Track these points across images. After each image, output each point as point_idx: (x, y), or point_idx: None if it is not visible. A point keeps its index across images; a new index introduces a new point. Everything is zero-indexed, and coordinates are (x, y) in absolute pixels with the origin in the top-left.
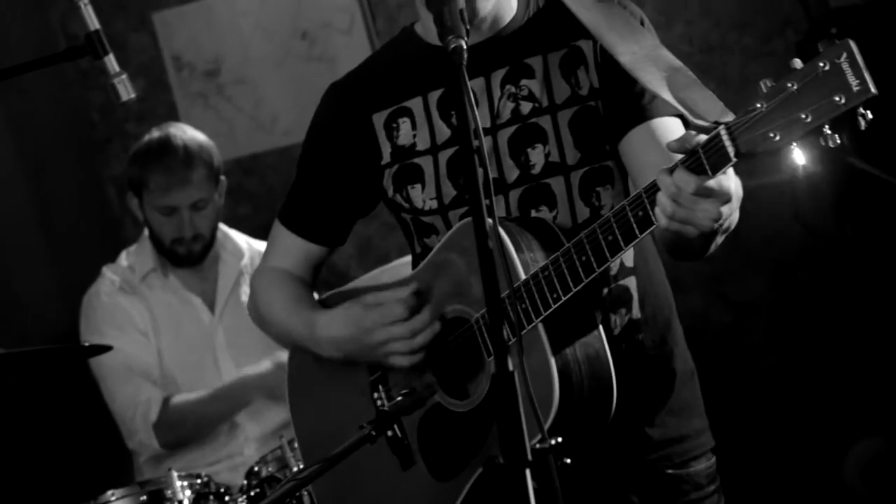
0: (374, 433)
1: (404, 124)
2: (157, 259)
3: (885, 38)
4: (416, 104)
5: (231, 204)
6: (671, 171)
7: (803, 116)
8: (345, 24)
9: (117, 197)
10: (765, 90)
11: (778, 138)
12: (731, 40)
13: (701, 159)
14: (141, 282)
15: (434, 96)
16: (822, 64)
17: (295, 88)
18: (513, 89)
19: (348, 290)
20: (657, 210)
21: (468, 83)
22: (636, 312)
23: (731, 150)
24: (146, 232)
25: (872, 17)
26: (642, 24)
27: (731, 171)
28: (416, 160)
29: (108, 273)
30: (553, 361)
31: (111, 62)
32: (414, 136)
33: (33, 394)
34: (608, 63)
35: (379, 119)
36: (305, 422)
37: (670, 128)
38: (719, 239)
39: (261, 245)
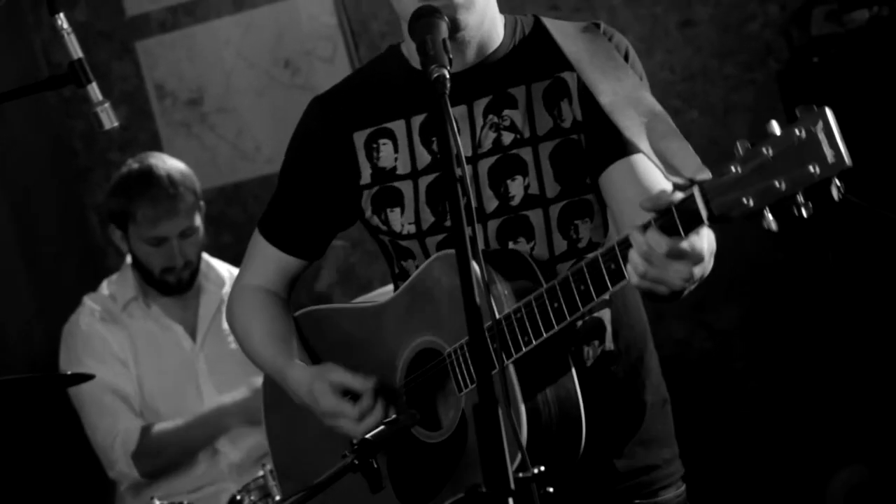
0: (356, 462)
1: (385, 146)
2: (138, 288)
3: (866, 66)
4: (398, 127)
5: (213, 233)
6: (644, 228)
7: (777, 184)
8: (327, 53)
9: (99, 225)
10: (741, 152)
11: (751, 204)
12: (713, 68)
13: (674, 219)
14: (122, 311)
15: (417, 121)
16: (798, 132)
17: (277, 117)
18: (495, 119)
19: (324, 312)
20: (629, 267)
21: (451, 112)
22: (609, 344)
23: (703, 213)
24: (128, 260)
25: (854, 46)
26: (626, 57)
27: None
28: (396, 184)
29: (89, 302)
30: (522, 405)
31: (94, 91)
32: (395, 159)
33: (13, 422)
34: (591, 96)
35: (360, 138)
36: (280, 440)
37: (648, 163)
38: (692, 287)
39: None
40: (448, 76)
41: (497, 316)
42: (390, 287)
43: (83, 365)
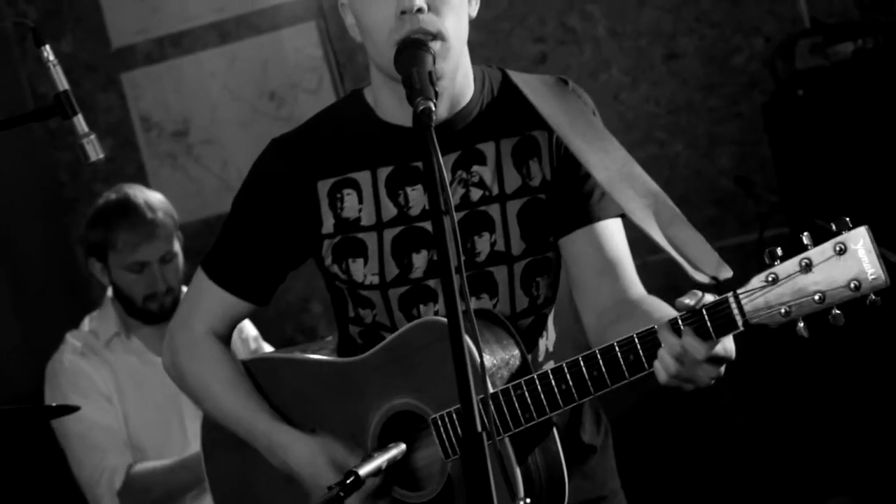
0: (342, 494)
1: (349, 196)
2: (120, 322)
3: (850, 99)
4: (363, 178)
5: (197, 264)
6: (673, 328)
7: (816, 298)
8: (313, 85)
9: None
10: (773, 259)
11: (787, 315)
12: (698, 101)
13: (706, 323)
14: (105, 347)
15: (383, 173)
16: (837, 248)
17: (262, 149)
18: (464, 175)
19: (280, 361)
20: (657, 364)
21: (437, 145)
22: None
23: (739, 320)
24: (109, 294)
25: (838, 79)
26: (594, 115)
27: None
28: (360, 235)
29: (71, 339)
30: (519, 474)
31: (80, 122)
32: (359, 210)
33: None
34: (563, 157)
35: (323, 186)
36: (225, 483)
37: (613, 231)
38: None
39: None
40: (434, 109)
41: (490, 389)
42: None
43: (68, 401)
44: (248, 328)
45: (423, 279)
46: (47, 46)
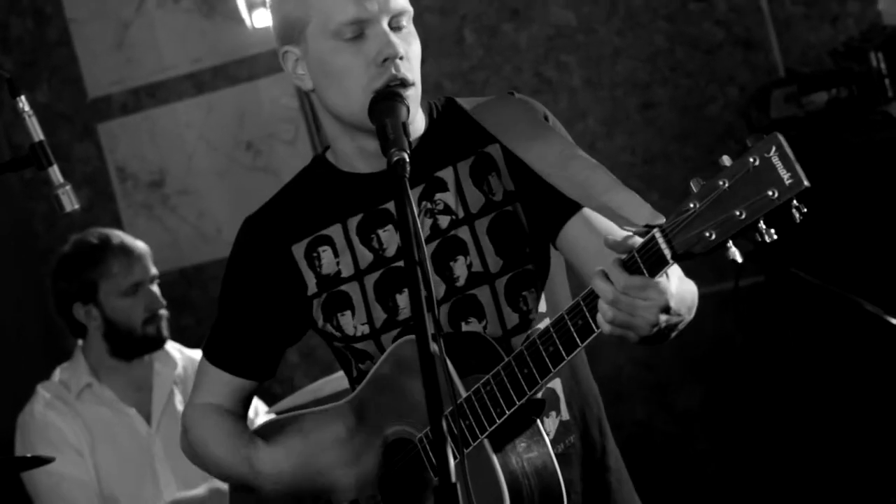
0: None
1: (325, 253)
2: (91, 371)
3: (825, 148)
4: (335, 231)
5: (174, 315)
6: (606, 276)
7: (737, 213)
8: (289, 136)
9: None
10: (696, 189)
11: (713, 237)
12: (674, 151)
13: (637, 262)
14: (76, 398)
15: (353, 222)
16: (752, 159)
17: (239, 199)
18: (429, 205)
19: (286, 419)
20: (598, 316)
21: (411, 196)
22: (565, 414)
23: (667, 253)
24: (79, 345)
25: (813, 128)
26: (546, 119)
27: (675, 275)
28: (343, 287)
29: (42, 391)
30: (502, 478)
31: (55, 173)
32: (337, 263)
33: None
34: (520, 165)
35: (298, 250)
36: None
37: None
38: (673, 334)
39: (194, 353)
40: (408, 159)
41: (464, 393)
42: (323, 381)
43: (38, 454)
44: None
45: (411, 319)
46: (23, 97)
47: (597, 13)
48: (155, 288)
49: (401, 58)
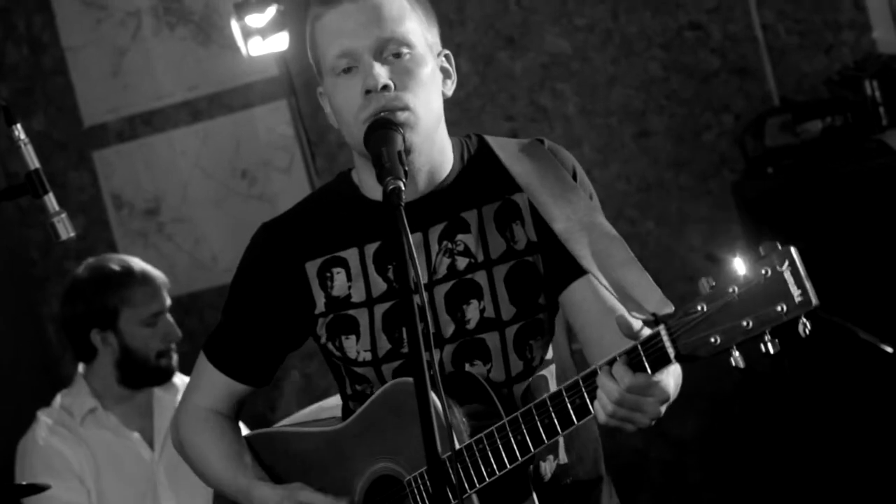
0: None
1: (339, 275)
2: (95, 398)
3: (820, 177)
4: (351, 255)
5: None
6: (610, 367)
7: (744, 324)
8: (284, 164)
9: (56, 335)
10: (707, 289)
11: (718, 343)
12: (668, 179)
13: (640, 357)
14: (80, 424)
15: (371, 249)
16: (763, 271)
17: (234, 227)
18: (449, 244)
19: (277, 433)
20: (596, 405)
21: (406, 224)
22: (563, 457)
23: (671, 352)
24: (80, 370)
25: (808, 156)
26: (575, 175)
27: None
28: (351, 312)
29: (43, 417)
30: None
31: (51, 201)
32: (349, 287)
33: None
34: (544, 218)
35: (312, 267)
36: None
37: None
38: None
39: None
40: (403, 188)
41: (457, 445)
42: (316, 407)
43: (39, 480)
44: None
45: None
46: (18, 125)
47: (592, 41)
48: (170, 318)
49: (385, 87)
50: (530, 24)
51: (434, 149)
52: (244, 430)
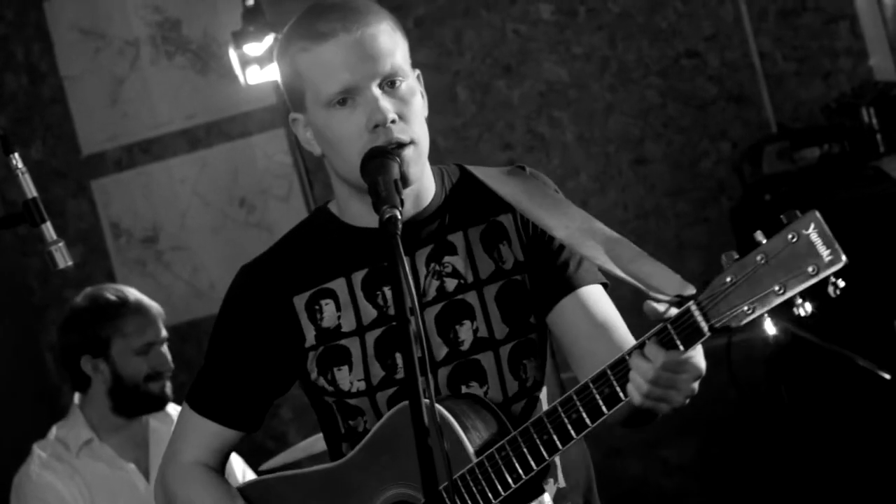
0: None
1: (328, 306)
2: (90, 428)
3: (817, 204)
4: (339, 285)
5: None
6: (641, 349)
7: (776, 289)
8: (283, 192)
9: (55, 364)
10: (729, 263)
11: (751, 311)
12: (666, 206)
13: (671, 336)
14: (76, 456)
15: (358, 277)
16: (790, 236)
17: (233, 255)
18: (437, 267)
19: (274, 480)
20: (630, 387)
21: (402, 253)
22: (562, 481)
23: (704, 326)
24: (76, 401)
25: (805, 183)
26: (557, 193)
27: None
28: (343, 342)
29: (38, 450)
30: None
31: (48, 230)
32: (339, 317)
33: None
34: (531, 236)
35: (300, 301)
36: None
37: (597, 296)
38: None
39: None
40: (400, 216)
41: (473, 456)
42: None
43: None
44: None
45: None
46: (16, 154)
47: (589, 69)
48: (165, 349)
49: (393, 121)
50: (528, 53)
51: (423, 175)
52: (242, 466)
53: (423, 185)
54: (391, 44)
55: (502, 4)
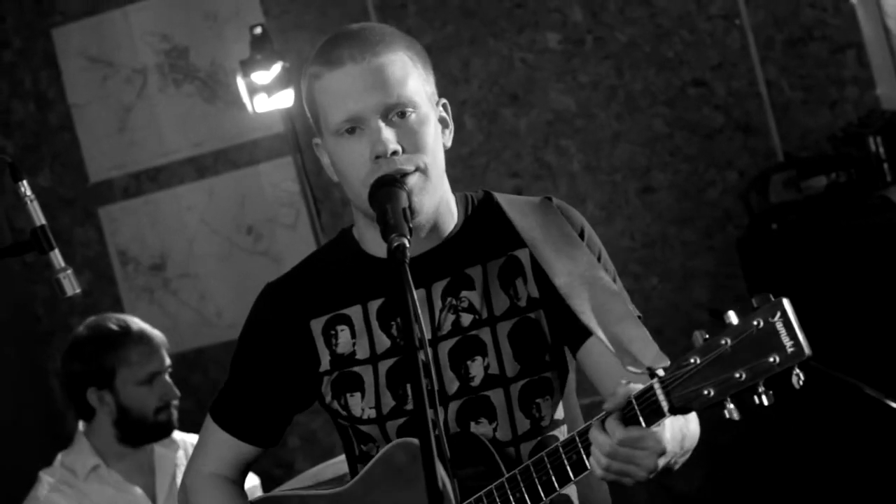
0: None
1: (343, 332)
2: (97, 455)
3: (824, 233)
4: (355, 312)
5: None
6: (602, 423)
7: (737, 375)
8: (290, 220)
9: (61, 390)
10: (700, 342)
11: (711, 395)
12: (672, 235)
13: (635, 411)
14: (84, 481)
15: (374, 306)
16: (756, 322)
17: (240, 283)
18: (453, 301)
19: (282, 498)
20: (591, 460)
21: (411, 281)
22: None
23: (665, 406)
24: (80, 429)
25: (812, 213)
26: (582, 233)
27: (676, 421)
28: (356, 369)
29: (45, 477)
30: None
31: (56, 257)
32: (353, 344)
33: None
34: (546, 273)
35: (317, 325)
36: None
37: None
38: (676, 468)
39: (193, 438)
40: (408, 245)
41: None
42: (324, 465)
43: None
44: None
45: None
46: (24, 182)
47: (596, 98)
48: (168, 378)
49: (395, 153)
50: (535, 82)
51: (440, 203)
52: (256, 483)
53: (441, 215)
54: (401, 74)
55: (509, 33)
